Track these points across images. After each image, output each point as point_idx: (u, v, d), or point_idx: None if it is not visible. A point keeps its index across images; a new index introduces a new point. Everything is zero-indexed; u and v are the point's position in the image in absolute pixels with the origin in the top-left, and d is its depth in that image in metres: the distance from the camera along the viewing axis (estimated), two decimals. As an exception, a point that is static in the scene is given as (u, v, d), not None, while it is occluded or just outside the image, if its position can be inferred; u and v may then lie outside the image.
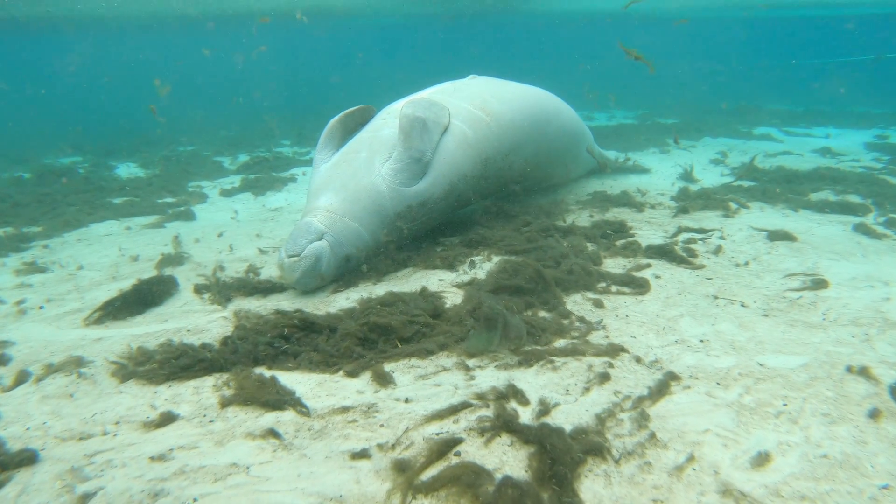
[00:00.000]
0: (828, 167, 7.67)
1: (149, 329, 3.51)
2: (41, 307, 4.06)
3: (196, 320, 3.59)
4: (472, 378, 2.75)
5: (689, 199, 5.90)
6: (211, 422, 2.51)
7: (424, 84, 5.40)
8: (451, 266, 4.14)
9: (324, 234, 3.95)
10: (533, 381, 2.72)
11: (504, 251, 4.29)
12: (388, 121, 4.58)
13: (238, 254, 4.97)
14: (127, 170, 10.29)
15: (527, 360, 2.85)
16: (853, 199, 6.14)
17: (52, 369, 3.03)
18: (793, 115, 14.62)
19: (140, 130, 15.04)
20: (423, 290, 3.67)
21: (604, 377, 2.73)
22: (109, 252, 5.33)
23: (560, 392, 2.63)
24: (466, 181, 4.56)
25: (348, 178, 4.20)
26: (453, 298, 3.66)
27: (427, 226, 4.54)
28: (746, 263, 4.25)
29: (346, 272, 4.12)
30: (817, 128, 12.89)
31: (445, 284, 3.89)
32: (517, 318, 3.03)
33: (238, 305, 3.79)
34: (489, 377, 2.75)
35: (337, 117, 4.76)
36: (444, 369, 2.84)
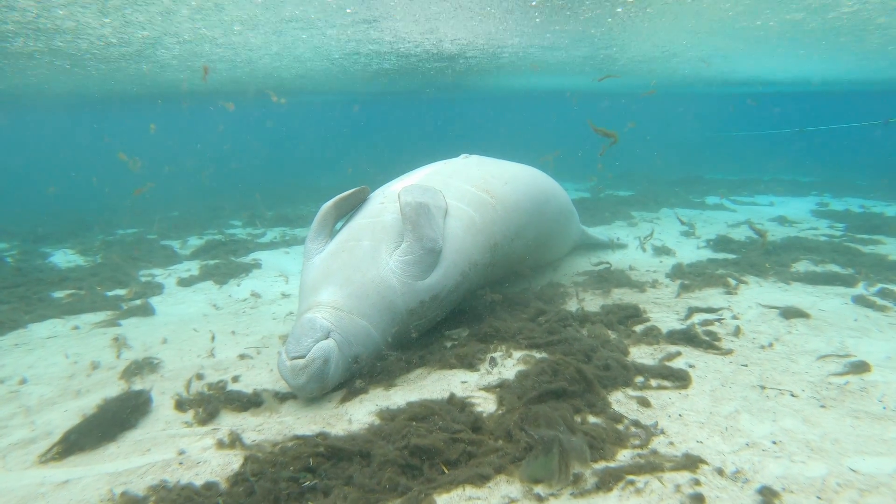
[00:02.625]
0: (796, 237, 7.85)
1: (129, 464, 2.90)
2: (-20, 439, 3.36)
3: (187, 448, 3.01)
4: (550, 512, 2.33)
5: (685, 276, 5.79)
6: None
7: (376, 160, 5.15)
8: (470, 365, 3.74)
9: (330, 332, 3.50)
10: (620, 510, 2.33)
11: (524, 345, 3.95)
12: (388, 205, 4.26)
13: (218, 357, 4.40)
14: (64, 257, 9.43)
15: (605, 483, 2.46)
16: (834, 268, 6.21)
17: (11, 533, 2.39)
18: (733, 185, 15.33)
19: (70, 212, 14.08)
20: (452, 398, 3.24)
21: (697, 500, 2.37)
22: (57, 359, 4.62)
23: (654, 523, 2.25)
24: (476, 269, 4.25)
25: (352, 270, 3.80)
26: (485, 405, 3.25)
27: (435, 321, 4.16)
28: (771, 345, 4.07)
29: (353, 376, 3.65)
30: (759, 196, 13.52)
31: (470, 388, 3.48)
32: (577, 437, 2.63)
33: (233, 424, 3.24)
34: (568, 509, 2.34)
35: (331, 202, 4.39)
36: (513, 501, 2.40)
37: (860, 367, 3.64)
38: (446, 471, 2.59)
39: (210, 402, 3.48)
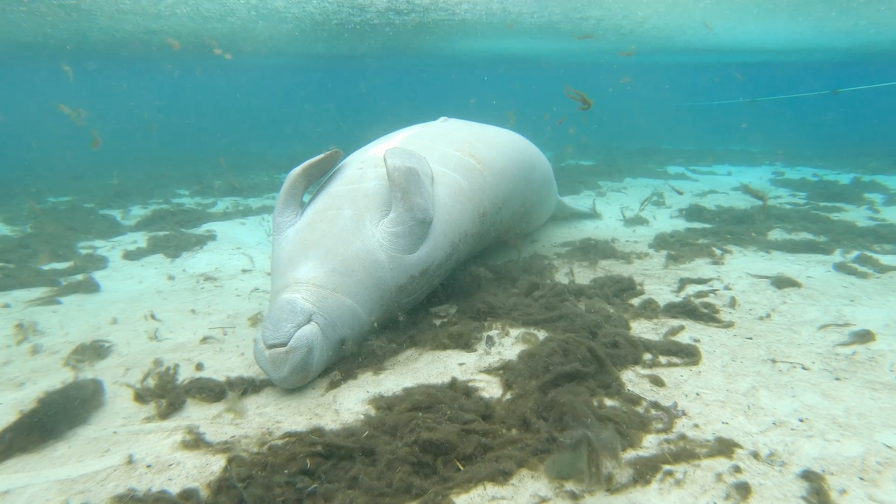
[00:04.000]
0: (764, 206, 7.86)
1: (84, 468, 2.48)
2: None
3: (154, 448, 2.60)
4: (588, 512, 2.07)
5: (669, 246, 5.64)
6: None
7: (321, 125, 4.73)
8: (466, 345, 3.44)
9: (312, 314, 3.12)
10: (661, 503, 2.09)
11: (521, 322, 3.67)
12: (368, 170, 3.86)
13: (178, 339, 3.95)
14: (-14, 228, 8.56)
15: (641, 476, 2.22)
16: (807, 236, 6.21)
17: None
18: (691, 155, 15.47)
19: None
20: (454, 383, 2.94)
21: (743, 489, 2.16)
22: (-12, 344, 4.06)
23: (704, 520, 2.03)
24: (466, 241, 3.92)
25: (334, 242, 3.40)
26: (490, 389, 2.96)
27: (422, 298, 3.83)
28: (769, 316, 3.95)
29: (337, 361, 3.30)
30: (717, 165, 13.66)
31: (470, 370, 3.19)
32: (608, 429, 2.36)
33: (204, 417, 2.85)
34: (606, 507, 2.09)
35: (299, 168, 3.93)
36: (544, 500, 2.14)
37: (865, 337, 3.54)
38: (461, 467, 2.30)
39: (174, 393, 3.07)
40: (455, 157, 4.11)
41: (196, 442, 2.58)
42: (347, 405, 2.91)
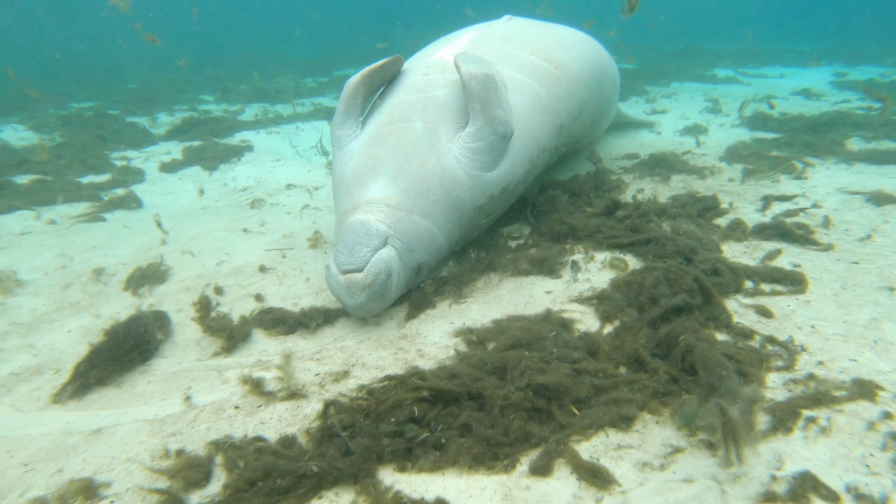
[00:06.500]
0: (836, 112, 7.27)
1: (171, 407, 2.34)
2: (-29, 369, 2.75)
3: (237, 387, 2.46)
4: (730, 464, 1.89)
5: (742, 159, 5.23)
6: None
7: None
8: (550, 271, 3.19)
9: (388, 237, 2.87)
10: (810, 455, 1.90)
11: (605, 246, 3.40)
12: (435, 77, 3.46)
13: (234, 261, 3.75)
14: (14, 134, 8.31)
15: (781, 423, 2.03)
16: (891, 145, 5.73)
17: (42, 511, 1.86)
18: (735, 56, 14.46)
19: (8, 78, 12.22)
20: (549, 315, 2.73)
21: (897, 441, 1.96)
22: (39, 262, 3.91)
23: (862, 471, 1.84)
24: (543, 155, 3.58)
25: (406, 159, 3.09)
26: (585, 320, 2.75)
27: (496, 219, 3.55)
28: (870, 237, 3.62)
29: (412, 288, 3.09)
30: (766, 67, 12.77)
31: (559, 299, 2.96)
32: (749, 390, 2.12)
33: (280, 351, 2.69)
34: (750, 458, 1.90)
35: (358, 76, 3.53)
36: (677, 450, 1.96)
37: None
38: (576, 412, 2.12)
39: (243, 324, 2.90)
40: (530, 61, 3.68)
41: (279, 380, 2.43)
42: (433, 338, 2.72)
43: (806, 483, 1.75)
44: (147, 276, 3.52)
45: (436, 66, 3.57)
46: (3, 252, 4.14)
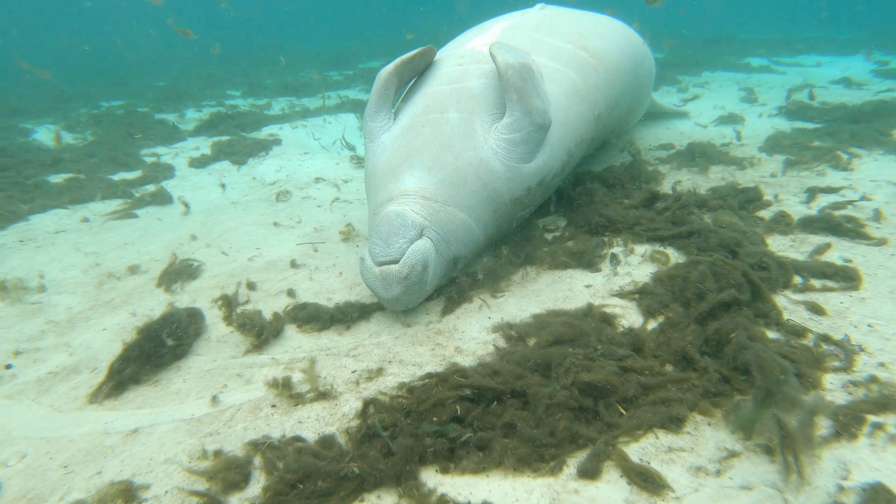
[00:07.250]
0: (880, 101, 7.00)
1: (206, 406, 2.32)
2: (8, 366, 2.76)
3: (272, 385, 2.42)
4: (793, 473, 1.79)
5: (784, 150, 5.06)
6: None
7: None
8: (589, 264, 3.10)
9: (424, 228, 2.81)
10: (880, 465, 1.79)
11: (645, 239, 3.29)
12: (469, 67, 3.38)
13: (266, 256, 3.73)
14: (48, 134, 8.41)
15: (845, 428, 1.92)
16: (938, 137, 5.49)
17: (83, 511, 1.83)
18: (769, 44, 14.08)
19: (44, 80, 12.48)
20: (591, 310, 2.64)
21: (971, 450, 1.84)
22: (73, 260, 3.94)
23: (936, 486, 1.72)
24: (581, 147, 3.48)
25: (442, 150, 3.02)
26: (628, 316, 2.65)
27: (533, 211, 3.47)
28: (924, 231, 3.46)
29: (447, 282, 3.02)
30: (802, 56, 12.41)
31: (600, 293, 2.87)
32: (814, 395, 2.00)
33: (315, 348, 2.65)
34: (813, 464, 1.80)
35: (390, 66, 3.47)
36: (733, 454, 1.86)
37: None
38: (623, 412, 2.04)
39: (276, 321, 2.86)
40: (566, 50, 3.57)
41: (314, 378, 2.38)
42: (471, 333, 2.65)
43: (879, 496, 1.65)
44: (180, 273, 3.51)
45: (469, 55, 3.49)
46: (38, 251, 4.17)
